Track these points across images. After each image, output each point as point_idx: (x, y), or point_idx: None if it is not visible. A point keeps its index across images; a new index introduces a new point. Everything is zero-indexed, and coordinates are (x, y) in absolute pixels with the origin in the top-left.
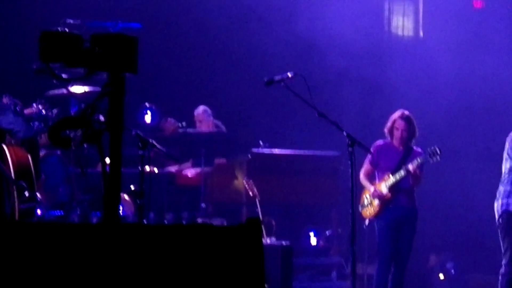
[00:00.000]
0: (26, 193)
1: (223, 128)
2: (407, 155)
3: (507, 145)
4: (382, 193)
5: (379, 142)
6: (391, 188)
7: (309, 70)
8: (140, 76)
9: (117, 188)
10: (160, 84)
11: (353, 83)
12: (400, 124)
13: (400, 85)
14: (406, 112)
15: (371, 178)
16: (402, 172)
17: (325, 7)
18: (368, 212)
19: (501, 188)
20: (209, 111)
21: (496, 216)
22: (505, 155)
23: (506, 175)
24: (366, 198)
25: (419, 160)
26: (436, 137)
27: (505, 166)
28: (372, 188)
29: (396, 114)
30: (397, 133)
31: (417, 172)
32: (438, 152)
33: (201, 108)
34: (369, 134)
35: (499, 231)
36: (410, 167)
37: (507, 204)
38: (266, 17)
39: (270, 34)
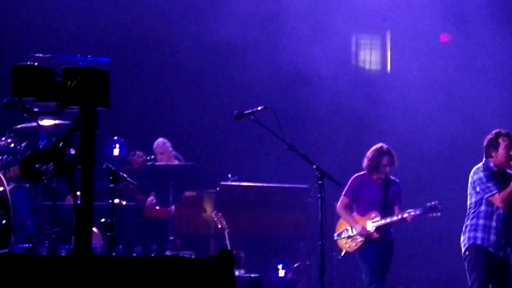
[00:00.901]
0: (4, 221)
1: (182, 159)
2: (387, 187)
3: (470, 180)
4: (369, 232)
5: (358, 176)
6: (378, 228)
7: (279, 103)
8: (108, 109)
9: (89, 221)
10: (129, 117)
11: (318, 115)
12: (387, 160)
13: (367, 117)
14: (385, 146)
15: (349, 211)
16: (395, 218)
17: (291, 38)
18: (347, 245)
19: (467, 222)
20: (168, 143)
21: (463, 249)
22: (469, 190)
23: (472, 210)
24: (346, 230)
25: (417, 212)
26: (411, 170)
27: (470, 201)
28: (359, 226)
29: (379, 149)
30: (384, 169)
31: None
32: (439, 208)
33: (160, 141)
34: (338, 166)
35: (465, 264)
36: (408, 216)
37: (474, 238)
38: (239, 51)
39: (241, 67)
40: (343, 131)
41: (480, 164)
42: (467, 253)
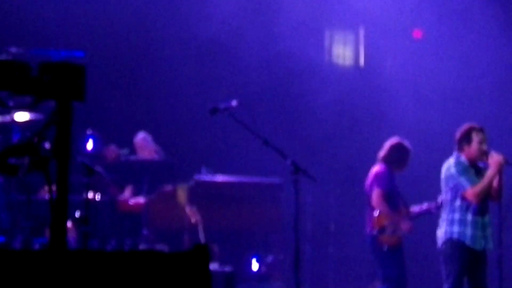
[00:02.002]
0: None
1: (162, 154)
2: None
3: (442, 176)
4: (411, 229)
5: (385, 167)
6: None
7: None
8: (83, 103)
9: (63, 215)
10: (102, 111)
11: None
12: (410, 154)
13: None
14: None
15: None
16: (423, 206)
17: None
18: (390, 240)
19: (443, 217)
20: (148, 137)
21: (439, 243)
22: (442, 185)
23: (448, 205)
24: (390, 225)
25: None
26: None
27: (444, 196)
28: (406, 224)
29: (405, 145)
30: (406, 163)
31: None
32: None
33: (140, 135)
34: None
35: (441, 257)
36: (432, 207)
37: (451, 233)
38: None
39: (217, 62)
40: (319, 125)
41: (451, 160)
42: (443, 247)
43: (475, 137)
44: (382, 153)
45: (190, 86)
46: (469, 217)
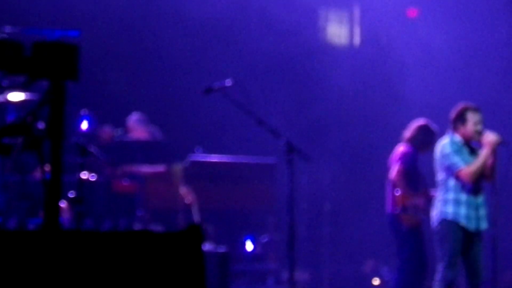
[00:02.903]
0: None
1: (159, 134)
2: None
3: (438, 155)
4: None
5: (411, 147)
6: None
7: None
8: (77, 83)
9: (57, 195)
10: (97, 91)
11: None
12: (436, 137)
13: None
14: None
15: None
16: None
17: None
18: (411, 221)
19: (438, 197)
20: (142, 118)
21: (434, 223)
22: (437, 165)
23: (442, 185)
24: (411, 206)
25: None
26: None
27: (439, 176)
28: (425, 205)
29: (432, 127)
30: (431, 145)
31: None
32: None
33: (134, 116)
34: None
35: (436, 237)
36: None
37: (445, 213)
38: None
39: (211, 43)
40: (313, 104)
41: (446, 139)
42: (439, 227)
43: (470, 117)
44: (407, 133)
45: (185, 66)
46: (463, 197)
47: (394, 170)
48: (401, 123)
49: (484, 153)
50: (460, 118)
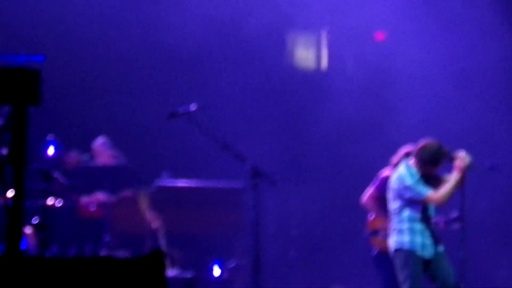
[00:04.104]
0: None
1: (122, 159)
2: None
3: (394, 187)
4: None
5: (388, 172)
6: None
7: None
8: (42, 108)
9: (20, 221)
10: (63, 116)
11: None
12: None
13: (303, 117)
14: None
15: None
16: None
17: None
18: (382, 244)
19: (394, 226)
20: (107, 143)
21: (391, 251)
22: (391, 194)
23: (396, 215)
24: (383, 230)
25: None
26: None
27: (392, 206)
28: None
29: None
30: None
31: None
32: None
33: (99, 141)
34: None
35: (395, 264)
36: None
37: (401, 243)
38: (175, 51)
39: (177, 67)
40: (277, 129)
41: (402, 170)
42: (396, 256)
43: (442, 161)
44: (395, 159)
45: (153, 90)
46: (418, 226)
47: (366, 194)
48: (374, 147)
49: (454, 177)
50: (432, 162)
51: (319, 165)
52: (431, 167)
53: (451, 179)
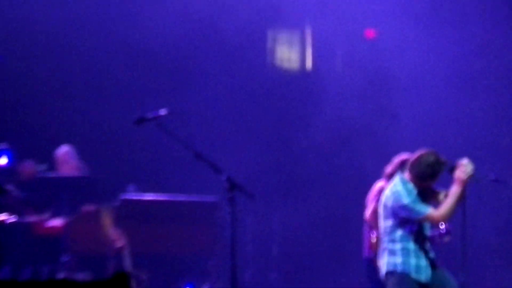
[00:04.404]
0: None
1: (86, 170)
2: None
3: (389, 203)
4: None
5: (383, 184)
6: None
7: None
8: None
9: None
10: (17, 123)
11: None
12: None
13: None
14: None
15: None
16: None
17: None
18: None
19: (385, 246)
20: (72, 152)
21: (382, 273)
22: (383, 211)
23: (388, 234)
24: None
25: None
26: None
27: (386, 223)
28: None
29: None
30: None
31: None
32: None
33: (63, 149)
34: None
35: (387, 285)
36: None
37: (394, 264)
38: (142, 51)
39: (144, 69)
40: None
41: (398, 187)
42: (388, 279)
43: (440, 173)
44: (389, 169)
45: (119, 94)
46: (411, 246)
47: (369, 210)
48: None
49: (455, 191)
50: (431, 174)
51: (306, 177)
52: (428, 181)
53: (452, 194)
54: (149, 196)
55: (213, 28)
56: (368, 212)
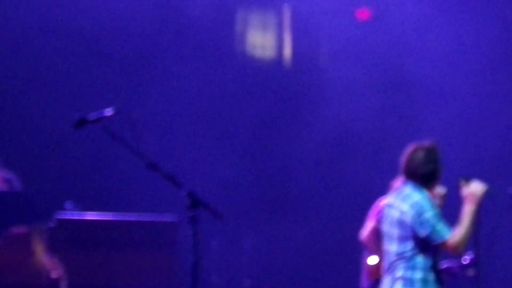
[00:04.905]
0: None
1: (17, 183)
2: None
3: (407, 219)
4: None
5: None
6: None
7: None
8: None
9: None
10: None
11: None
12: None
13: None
14: None
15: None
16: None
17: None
18: None
19: (398, 274)
20: None
21: None
22: (398, 230)
23: (404, 260)
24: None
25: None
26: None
27: (401, 246)
28: None
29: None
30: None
31: None
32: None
33: None
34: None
35: None
36: None
37: None
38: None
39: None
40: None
41: (416, 196)
42: None
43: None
44: (397, 183)
45: (55, 92)
46: (431, 276)
47: (367, 229)
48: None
49: (469, 211)
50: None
51: (292, 191)
52: (432, 184)
53: (465, 216)
54: (91, 216)
55: (172, 9)
56: (365, 232)
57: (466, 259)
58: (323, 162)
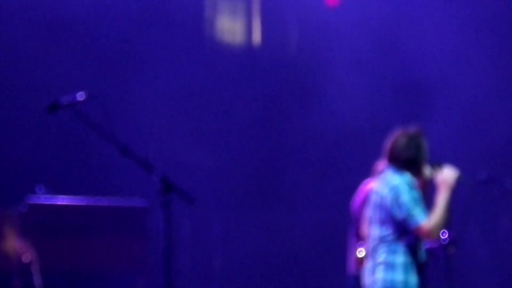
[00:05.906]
0: None
1: None
2: None
3: (387, 203)
4: None
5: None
6: None
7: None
8: None
9: None
10: None
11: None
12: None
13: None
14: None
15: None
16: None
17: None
18: None
19: (379, 259)
20: None
21: None
22: (378, 213)
23: (385, 244)
24: None
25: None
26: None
27: (382, 230)
28: None
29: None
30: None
31: None
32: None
33: None
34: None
35: None
36: None
37: (392, 282)
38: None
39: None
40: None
41: (396, 178)
42: None
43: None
44: (381, 166)
45: (25, 75)
46: (413, 260)
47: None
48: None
49: (442, 197)
50: (416, 157)
51: (277, 182)
52: (415, 170)
53: (438, 202)
54: (62, 200)
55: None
56: (355, 203)
57: (445, 238)
58: (312, 153)
